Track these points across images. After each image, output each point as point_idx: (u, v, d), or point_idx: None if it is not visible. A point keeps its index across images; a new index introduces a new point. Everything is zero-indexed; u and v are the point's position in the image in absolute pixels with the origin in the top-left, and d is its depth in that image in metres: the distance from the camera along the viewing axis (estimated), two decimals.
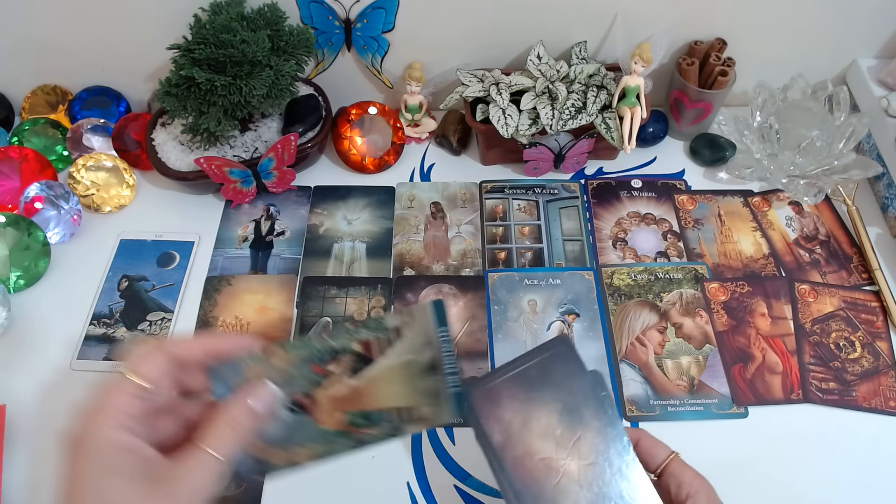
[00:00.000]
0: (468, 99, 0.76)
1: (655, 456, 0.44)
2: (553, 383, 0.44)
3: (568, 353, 0.45)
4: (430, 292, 0.70)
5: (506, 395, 0.44)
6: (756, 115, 0.78)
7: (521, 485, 0.41)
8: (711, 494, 0.42)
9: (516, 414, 0.43)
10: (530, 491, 0.41)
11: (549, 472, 0.42)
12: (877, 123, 0.77)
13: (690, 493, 0.41)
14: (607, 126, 0.73)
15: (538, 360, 0.45)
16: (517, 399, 0.44)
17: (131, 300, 0.70)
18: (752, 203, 0.78)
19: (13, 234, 0.70)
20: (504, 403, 0.43)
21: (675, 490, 0.42)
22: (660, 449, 0.44)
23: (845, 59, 0.83)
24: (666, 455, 0.44)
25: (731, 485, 0.43)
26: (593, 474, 0.42)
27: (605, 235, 0.75)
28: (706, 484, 0.43)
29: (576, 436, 0.43)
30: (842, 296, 0.70)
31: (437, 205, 0.78)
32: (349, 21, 0.76)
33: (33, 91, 0.83)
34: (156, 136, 0.76)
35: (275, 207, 0.78)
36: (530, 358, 0.45)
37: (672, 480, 0.42)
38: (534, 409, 0.43)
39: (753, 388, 0.64)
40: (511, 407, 0.43)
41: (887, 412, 0.62)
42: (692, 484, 0.42)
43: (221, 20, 0.67)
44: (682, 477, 0.42)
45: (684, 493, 0.42)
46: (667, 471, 0.43)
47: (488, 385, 0.44)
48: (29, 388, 0.64)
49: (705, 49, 0.78)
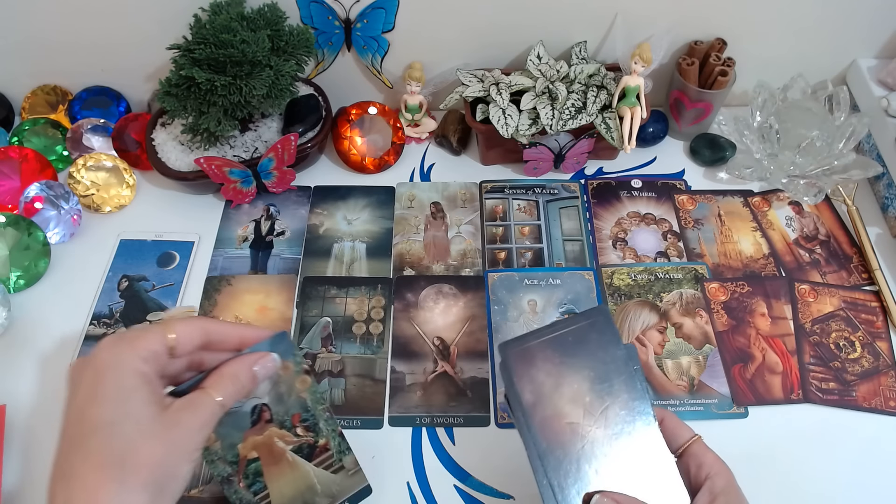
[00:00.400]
0: (468, 99, 0.76)
1: (678, 436, 0.45)
2: (588, 351, 0.45)
3: (605, 324, 0.46)
4: (430, 292, 0.70)
5: (540, 357, 0.44)
6: (756, 115, 0.78)
7: (546, 445, 0.42)
8: (731, 479, 0.43)
9: (549, 376, 0.44)
10: (555, 453, 0.42)
11: (575, 436, 0.43)
12: (877, 123, 0.77)
13: (710, 474, 0.42)
14: (607, 126, 0.73)
15: (576, 326, 0.46)
16: (551, 362, 0.44)
17: (131, 300, 0.70)
18: (752, 203, 0.78)
19: (13, 234, 0.70)
20: (538, 365, 0.44)
21: (696, 470, 0.43)
22: (683, 430, 0.45)
23: (845, 59, 0.83)
24: (689, 436, 0.44)
25: None
26: (618, 444, 0.42)
27: (605, 235, 0.75)
28: (726, 468, 0.43)
29: (604, 405, 0.43)
30: (842, 296, 0.70)
31: (437, 205, 0.78)
32: (349, 21, 0.76)
33: (33, 91, 0.83)
34: (156, 136, 0.76)
35: (275, 207, 0.78)
36: (569, 324, 0.46)
37: (693, 461, 0.43)
38: (566, 373, 0.44)
39: (753, 388, 0.64)
40: (545, 369, 0.44)
41: (887, 412, 0.62)
42: (713, 466, 0.43)
43: (221, 20, 0.67)
44: (704, 458, 0.43)
45: (704, 473, 0.42)
46: (688, 451, 0.44)
47: (525, 345, 0.45)
48: (29, 388, 0.64)
49: (705, 49, 0.78)
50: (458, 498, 0.58)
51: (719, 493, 0.41)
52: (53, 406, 0.62)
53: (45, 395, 0.63)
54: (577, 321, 0.46)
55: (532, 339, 0.45)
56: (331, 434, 0.50)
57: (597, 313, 0.46)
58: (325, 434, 0.49)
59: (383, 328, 0.68)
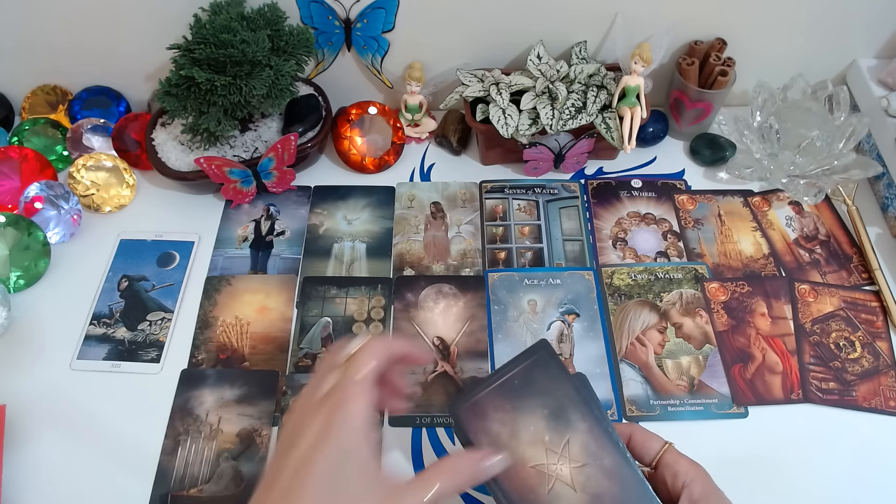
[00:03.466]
0: (468, 99, 0.76)
1: (649, 448, 0.44)
2: (537, 390, 0.44)
3: (549, 358, 0.45)
4: (430, 292, 0.70)
5: (491, 407, 0.43)
6: (756, 115, 0.78)
7: (516, 495, 0.41)
8: (707, 481, 0.42)
9: (504, 425, 0.43)
10: (526, 500, 0.41)
11: (542, 478, 0.41)
12: (877, 123, 0.77)
13: (686, 482, 0.41)
14: (607, 126, 0.73)
15: (520, 367, 0.45)
16: (503, 410, 0.43)
17: (131, 300, 0.70)
18: (752, 203, 0.78)
19: (13, 234, 0.70)
20: (490, 415, 0.43)
21: (672, 480, 0.42)
22: (653, 441, 0.44)
23: (845, 58, 0.83)
24: (660, 446, 0.44)
25: (731, 485, 0.43)
26: (585, 476, 0.41)
27: (605, 235, 0.75)
28: (702, 471, 0.42)
29: (564, 439, 0.42)
30: (842, 296, 0.70)
31: (437, 205, 0.78)
32: (349, 21, 0.76)
33: (33, 91, 0.83)
34: (156, 136, 0.76)
35: (275, 207, 0.78)
36: (512, 367, 0.45)
37: (668, 471, 0.42)
38: (520, 417, 0.43)
39: (753, 388, 0.64)
40: (497, 418, 0.43)
41: (887, 412, 0.62)
42: (687, 473, 0.42)
43: (221, 20, 0.67)
44: (677, 467, 0.42)
45: (680, 482, 0.42)
46: (662, 462, 0.43)
47: (473, 399, 0.44)
48: (29, 388, 0.64)
49: (705, 49, 0.78)
50: (459, 498, 0.58)
51: (698, 499, 0.41)
52: (54, 406, 0.63)
53: (46, 395, 0.63)
54: (519, 362, 0.45)
55: (479, 390, 0.44)
56: None
57: (538, 349, 0.45)
58: None
59: (383, 328, 0.68)
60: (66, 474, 0.59)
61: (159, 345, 0.67)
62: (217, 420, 0.62)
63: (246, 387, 0.63)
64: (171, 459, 0.59)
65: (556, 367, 0.44)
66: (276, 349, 0.66)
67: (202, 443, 0.60)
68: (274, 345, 0.67)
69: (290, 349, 0.66)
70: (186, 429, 0.61)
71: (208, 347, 0.67)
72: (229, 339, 0.67)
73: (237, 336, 0.67)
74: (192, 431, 0.61)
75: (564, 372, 0.44)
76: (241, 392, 0.63)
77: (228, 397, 0.63)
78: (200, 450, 0.60)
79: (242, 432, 0.61)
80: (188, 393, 0.63)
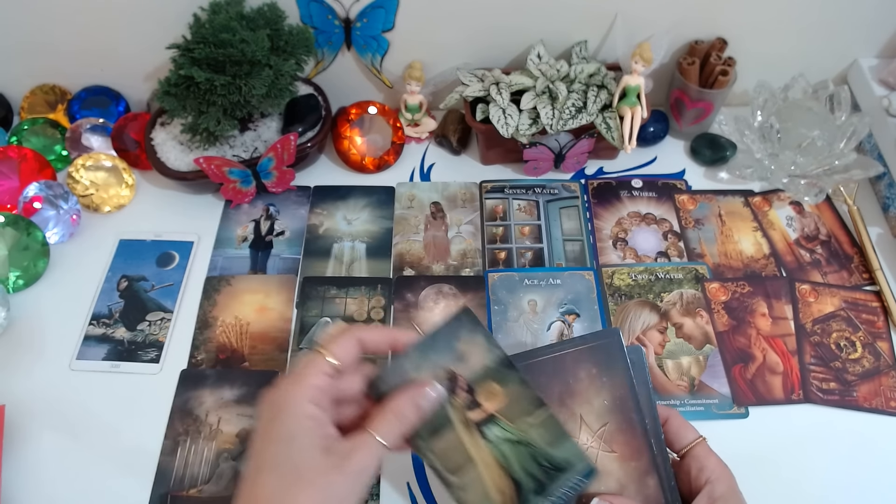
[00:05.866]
0: (468, 99, 0.76)
1: (682, 437, 0.44)
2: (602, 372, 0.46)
3: (619, 345, 0.46)
4: (430, 292, 0.70)
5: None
6: (757, 115, 0.78)
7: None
8: (732, 484, 0.42)
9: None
10: None
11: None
12: (878, 123, 0.77)
13: (711, 479, 0.42)
14: (608, 126, 0.73)
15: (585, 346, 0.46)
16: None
17: (131, 300, 0.70)
18: (752, 203, 0.78)
19: (12, 234, 0.69)
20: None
21: (696, 473, 0.42)
22: (688, 431, 0.45)
23: (846, 58, 0.83)
24: (693, 438, 0.44)
25: None
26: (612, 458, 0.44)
27: (606, 235, 0.75)
28: (728, 473, 0.43)
29: (603, 423, 0.45)
30: (842, 296, 0.70)
31: (437, 205, 0.78)
32: (349, 20, 0.76)
33: (32, 90, 0.83)
34: (155, 136, 0.76)
35: (274, 207, 0.78)
36: (578, 343, 0.47)
37: (694, 463, 0.43)
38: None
39: (754, 389, 0.64)
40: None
41: (888, 412, 0.62)
42: (714, 470, 0.42)
43: (221, 19, 0.67)
44: (706, 462, 0.43)
45: (704, 477, 0.42)
46: (691, 453, 0.44)
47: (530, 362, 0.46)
48: (29, 388, 0.64)
49: (706, 49, 0.78)
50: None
51: (718, 498, 0.41)
52: (54, 406, 0.62)
53: (45, 395, 0.63)
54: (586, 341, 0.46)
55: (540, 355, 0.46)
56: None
57: (610, 333, 0.46)
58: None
59: None
60: (66, 474, 0.59)
61: (159, 345, 0.67)
62: (217, 420, 0.62)
63: (246, 387, 0.63)
64: (171, 460, 0.59)
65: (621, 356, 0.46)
66: (276, 349, 0.66)
67: (202, 443, 0.60)
68: (273, 345, 0.67)
69: (290, 349, 0.66)
70: (186, 429, 0.61)
71: (208, 347, 0.66)
72: (229, 339, 0.67)
73: (237, 336, 0.67)
74: (192, 432, 0.61)
75: (625, 360, 0.46)
76: (240, 392, 0.63)
77: (228, 397, 0.63)
78: (200, 450, 0.60)
79: (242, 432, 0.61)
80: (188, 393, 0.63)
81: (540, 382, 0.45)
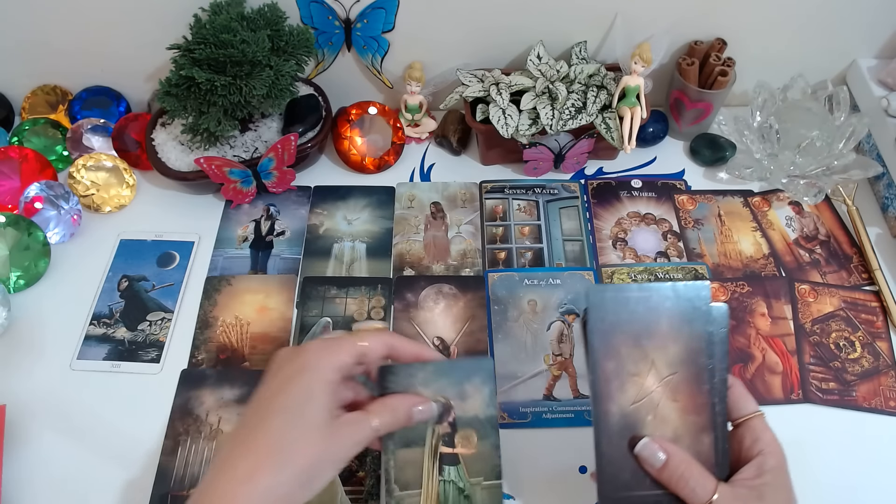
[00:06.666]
0: (468, 99, 0.76)
1: (741, 407, 0.44)
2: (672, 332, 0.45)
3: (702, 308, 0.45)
4: (430, 292, 0.70)
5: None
6: (756, 115, 0.78)
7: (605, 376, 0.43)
8: (783, 461, 0.43)
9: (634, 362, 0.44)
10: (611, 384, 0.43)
11: (636, 388, 0.44)
12: (877, 123, 0.77)
13: (764, 451, 0.42)
14: (607, 126, 0.73)
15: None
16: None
17: (131, 300, 0.70)
18: (752, 203, 0.78)
19: (13, 234, 0.70)
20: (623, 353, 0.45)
21: (750, 443, 0.43)
22: (748, 402, 0.45)
23: (845, 59, 0.83)
24: (752, 410, 0.44)
25: None
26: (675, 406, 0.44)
27: (605, 235, 0.75)
28: (781, 451, 0.43)
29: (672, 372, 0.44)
30: (842, 296, 0.70)
31: (437, 205, 0.78)
32: (349, 21, 0.76)
33: (33, 91, 0.83)
34: (156, 136, 0.76)
35: (275, 207, 0.78)
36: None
37: (749, 434, 0.43)
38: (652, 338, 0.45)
39: (753, 388, 0.64)
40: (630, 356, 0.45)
41: (887, 412, 0.62)
42: (769, 444, 0.43)
43: (221, 20, 0.67)
44: (762, 435, 0.43)
45: (757, 449, 0.43)
46: (747, 424, 0.44)
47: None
48: (29, 388, 0.64)
49: (705, 49, 0.78)
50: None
51: (768, 470, 0.41)
52: (54, 406, 0.63)
53: (46, 395, 0.63)
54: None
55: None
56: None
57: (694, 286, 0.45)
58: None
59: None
60: (66, 474, 0.59)
61: (159, 345, 0.67)
62: (217, 420, 0.62)
63: (246, 387, 0.63)
64: (171, 459, 0.59)
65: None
66: (276, 349, 0.66)
67: (202, 443, 0.60)
68: (274, 345, 0.67)
69: None
70: (186, 429, 0.61)
71: (208, 347, 0.67)
72: (229, 339, 0.67)
73: (237, 336, 0.67)
74: (193, 431, 0.61)
75: (708, 314, 0.45)
76: (241, 392, 0.63)
77: (228, 397, 0.63)
78: (200, 450, 0.60)
79: None
80: (188, 393, 0.63)
81: (621, 318, 0.44)
